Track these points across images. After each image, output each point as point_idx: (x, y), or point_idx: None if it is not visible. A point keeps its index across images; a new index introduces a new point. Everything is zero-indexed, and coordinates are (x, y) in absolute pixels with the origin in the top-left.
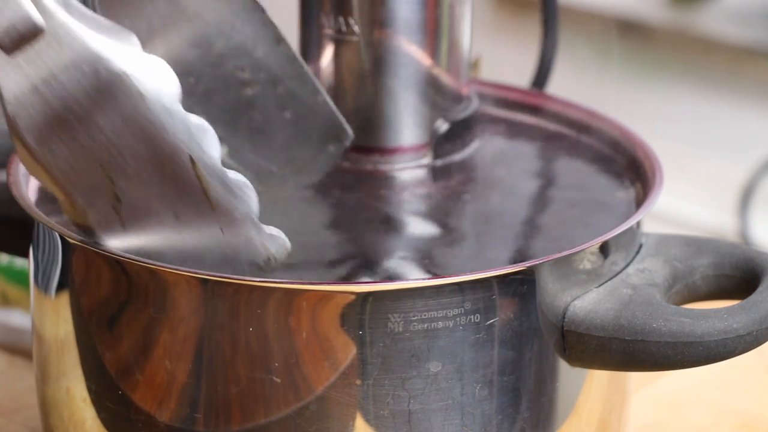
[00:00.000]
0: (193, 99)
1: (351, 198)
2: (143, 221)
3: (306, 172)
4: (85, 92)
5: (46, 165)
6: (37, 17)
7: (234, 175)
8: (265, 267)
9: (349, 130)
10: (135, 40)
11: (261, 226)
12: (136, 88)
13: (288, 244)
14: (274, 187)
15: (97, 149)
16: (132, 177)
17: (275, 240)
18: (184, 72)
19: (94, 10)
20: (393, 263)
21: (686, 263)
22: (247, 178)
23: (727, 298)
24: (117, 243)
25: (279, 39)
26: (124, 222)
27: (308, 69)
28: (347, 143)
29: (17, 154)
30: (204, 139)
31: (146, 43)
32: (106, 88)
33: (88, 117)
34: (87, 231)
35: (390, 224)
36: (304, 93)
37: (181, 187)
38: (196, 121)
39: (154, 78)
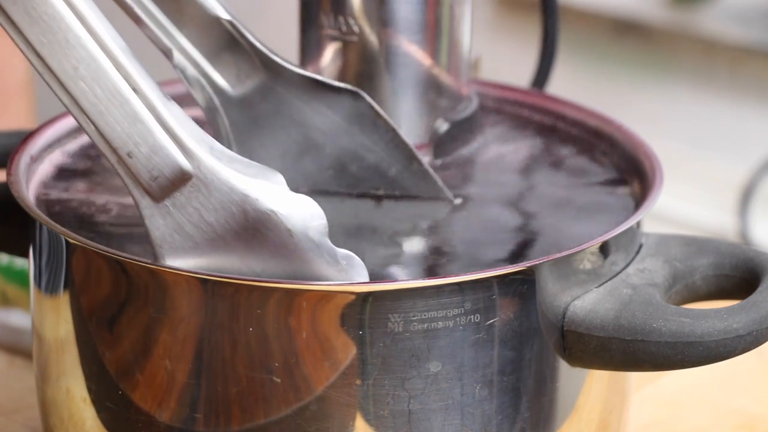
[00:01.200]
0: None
1: (351, 198)
2: None
3: None
4: (234, 233)
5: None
6: (185, 164)
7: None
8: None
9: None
10: (280, 179)
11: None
12: (284, 225)
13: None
14: None
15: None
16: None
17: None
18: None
19: (229, 142)
20: (393, 263)
21: (686, 263)
22: None
23: (727, 298)
24: None
25: (411, 157)
26: None
27: (441, 183)
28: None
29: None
30: (352, 270)
31: (281, 171)
32: (254, 228)
33: (239, 258)
34: None
35: (390, 224)
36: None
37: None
38: (344, 253)
39: (301, 214)
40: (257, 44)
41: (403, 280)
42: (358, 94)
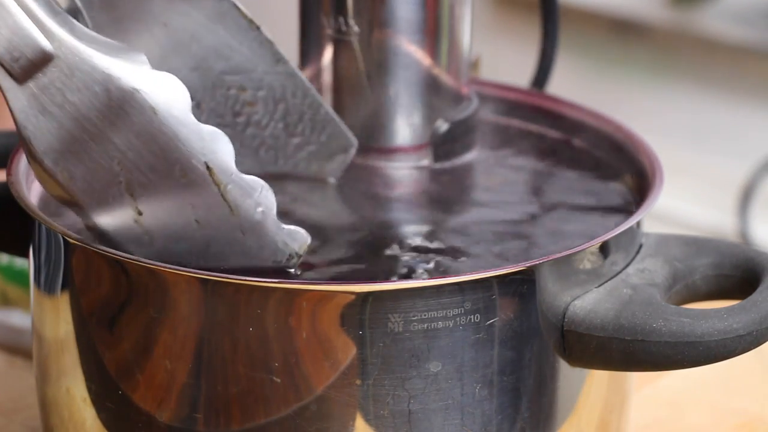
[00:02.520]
0: None
1: (351, 197)
2: (166, 230)
3: (315, 182)
4: (99, 112)
5: (64, 184)
6: (46, 44)
7: (250, 178)
8: (288, 263)
9: (354, 139)
10: (143, 58)
11: (281, 224)
12: (147, 103)
13: (308, 238)
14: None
15: (114, 166)
16: (151, 189)
17: (296, 236)
18: None
19: None
20: (393, 263)
21: (686, 263)
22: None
23: (727, 298)
24: (139, 250)
25: (278, 57)
26: (148, 232)
27: (309, 83)
28: (353, 152)
29: (35, 175)
30: (218, 145)
31: None
32: (118, 106)
33: (103, 135)
34: (106, 239)
35: (390, 224)
36: (305, 107)
37: (200, 194)
38: (209, 128)
39: (164, 92)
40: None
41: (403, 280)
42: None
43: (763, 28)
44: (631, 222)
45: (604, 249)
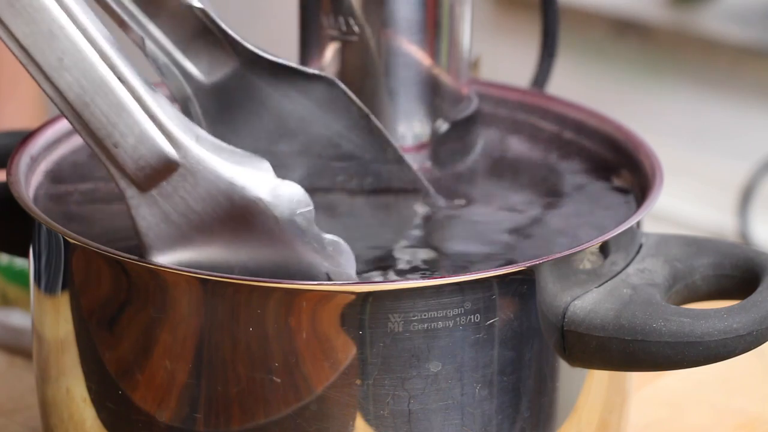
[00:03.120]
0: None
1: (352, 197)
2: None
3: None
4: (221, 221)
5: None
6: (172, 153)
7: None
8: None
9: (442, 201)
10: (267, 166)
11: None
12: (271, 212)
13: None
14: None
15: (228, 268)
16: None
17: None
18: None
19: (200, 126)
20: (393, 264)
21: (686, 263)
22: None
23: (727, 298)
24: None
25: (386, 144)
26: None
27: (411, 165)
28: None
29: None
30: (340, 256)
31: None
32: (241, 216)
33: (225, 245)
34: None
35: (390, 224)
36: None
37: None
38: (331, 239)
39: (287, 201)
40: (230, 32)
41: (403, 280)
42: (333, 81)
43: (763, 28)
44: (631, 222)
45: (604, 249)
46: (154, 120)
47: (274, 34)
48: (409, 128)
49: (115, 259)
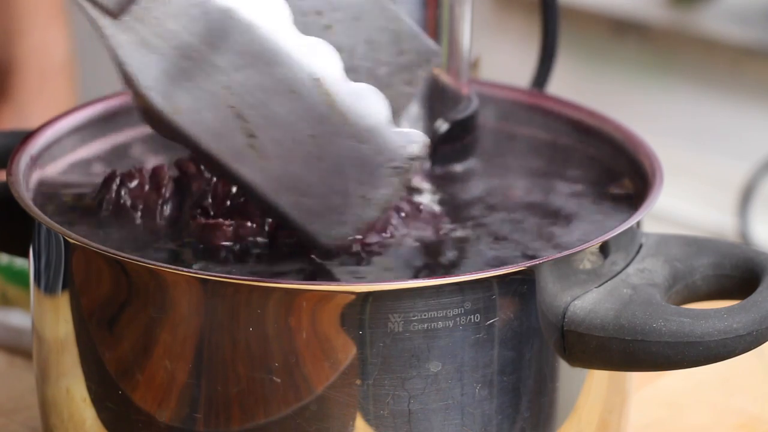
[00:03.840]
0: None
1: None
2: (281, 149)
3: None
4: (199, 36)
5: (171, 118)
6: None
7: (357, 85)
8: (408, 166)
9: (436, 48)
10: None
11: (395, 128)
12: (246, 19)
13: (425, 138)
14: None
15: (220, 90)
16: (261, 109)
17: (412, 137)
18: None
19: None
20: (393, 263)
21: (686, 263)
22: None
23: (727, 298)
24: (258, 175)
25: (401, 49)
26: (263, 155)
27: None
28: (436, 62)
29: (141, 112)
30: (322, 55)
31: None
32: (218, 28)
33: (207, 60)
34: (216, 166)
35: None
36: (384, 21)
37: (311, 107)
38: (312, 39)
39: (261, 7)
40: None
41: (403, 280)
42: None
43: (763, 28)
44: (631, 222)
45: (604, 249)
46: None
47: None
48: (409, 128)
49: (115, 259)
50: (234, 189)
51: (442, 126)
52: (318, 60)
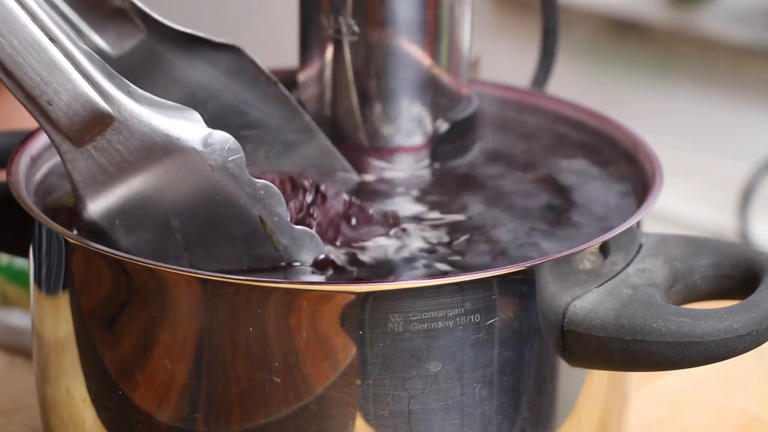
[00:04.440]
0: None
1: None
2: (212, 259)
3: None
4: (156, 172)
5: (112, 236)
6: (105, 107)
7: (300, 229)
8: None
9: (356, 177)
10: (197, 117)
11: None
12: (206, 161)
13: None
14: None
15: (171, 221)
16: (204, 239)
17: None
18: None
19: None
20: (394, 263)
21: (686, 263)
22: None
23: (727, 298)
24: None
25: (294, 112)
26: (192, 261)
27: (324, 137)
28: (352, 185)
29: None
30: (271, 200)
31: None
32: (176, 166)
33: (161, 194)
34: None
35: (391, 224)
36: (316, 154)
37: (251, 240)
38: (262, 183)
39: (221, 150)
40: (137, 3)
41: (403, 280)
42: (240, 50)
43: (763, 28)
44: (631, 222)
45: (604, 249)
46: (86, 77)
47: (274, 34)
48: (409, 128)
49: (115, 259)
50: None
51: (442, 126)
52: (266, 202)
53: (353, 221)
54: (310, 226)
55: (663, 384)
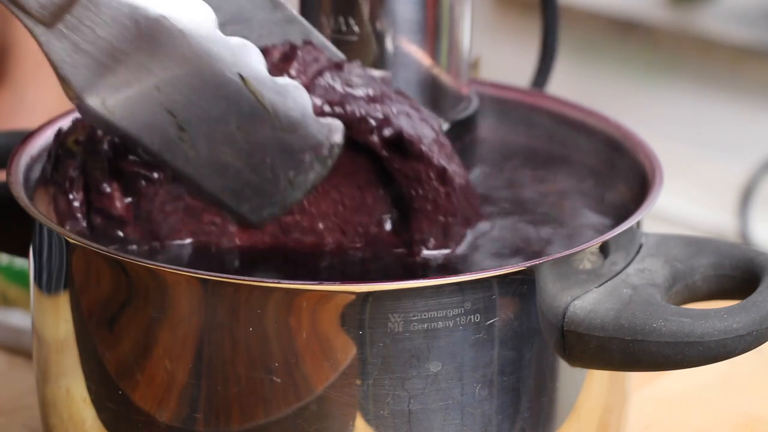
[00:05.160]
0: None
1: None
2: (210, 139)
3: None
4: (131, 43)
5: (107, 120)
6: None
7: (282, 80)
8: (330, 154)
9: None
10: None
11: (318, 119)
12: (176, 27)
13: (342, 127)
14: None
15: (153, 92)
16: (191, 107)
17: (334, 127)
18: None
19: None
20: (394, 263)
21: (686, 263)
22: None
23: (727, 298)
24: (187, 166)
25: (275, 3)
26: (193, 146)
27: (310, 26)
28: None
29: (83, 116)
30: (248, 56)
31: None
32: (148, 35)
33: (140, 65)
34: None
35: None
36: (296, 38)
37: (239, 104)
38: (237, 41)
39: (190, 14)
40: None
41: (403, 280)
42: None
43: (763, 28)
44: (631, 222)
45: (604, 249)
46: None
47: None
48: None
49: (115, 259)
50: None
51: (443, 126)
52: (244, 60)
53: (338, 77)
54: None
55: (663, 384)
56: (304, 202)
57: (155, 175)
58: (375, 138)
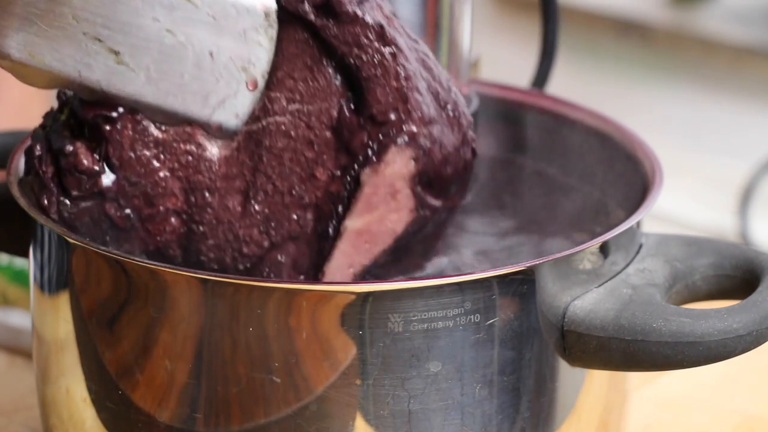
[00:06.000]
0: None
1: None
2: (147, 54)
3: None
4: None
5: (39, 67)
6: None
7: None
8: (270, 23)
9: None
10: None
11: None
12: None
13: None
14: None
15: (70, 22)
16: (112, 24)
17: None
18: None
19: None
20: (393, 264)
21: (686, 263)
22: None
23: (727, 298)
24: (139, 88)
25: None
26: (133, 65)
27: None
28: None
29: (15, 76)
30: None
31: None
32: None
33: (47, 1)
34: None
35: None
36: None
37: (159, 4)
38: None
39: None
40: None
41: (403, 280)
42: None
43: (763, 28)
44: (631, 222)
45: (604, 249)
46: None
47: None
48: None
49: (115, 259)
50: None
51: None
52: None
53: None
54: None
55: (663, 384)
56: (266, 103)
57: (115, 113)
58: (306, 6)
